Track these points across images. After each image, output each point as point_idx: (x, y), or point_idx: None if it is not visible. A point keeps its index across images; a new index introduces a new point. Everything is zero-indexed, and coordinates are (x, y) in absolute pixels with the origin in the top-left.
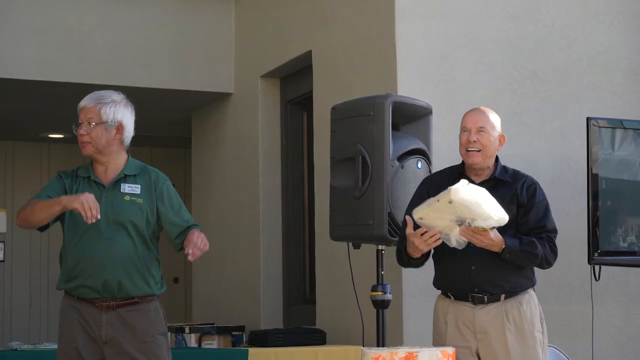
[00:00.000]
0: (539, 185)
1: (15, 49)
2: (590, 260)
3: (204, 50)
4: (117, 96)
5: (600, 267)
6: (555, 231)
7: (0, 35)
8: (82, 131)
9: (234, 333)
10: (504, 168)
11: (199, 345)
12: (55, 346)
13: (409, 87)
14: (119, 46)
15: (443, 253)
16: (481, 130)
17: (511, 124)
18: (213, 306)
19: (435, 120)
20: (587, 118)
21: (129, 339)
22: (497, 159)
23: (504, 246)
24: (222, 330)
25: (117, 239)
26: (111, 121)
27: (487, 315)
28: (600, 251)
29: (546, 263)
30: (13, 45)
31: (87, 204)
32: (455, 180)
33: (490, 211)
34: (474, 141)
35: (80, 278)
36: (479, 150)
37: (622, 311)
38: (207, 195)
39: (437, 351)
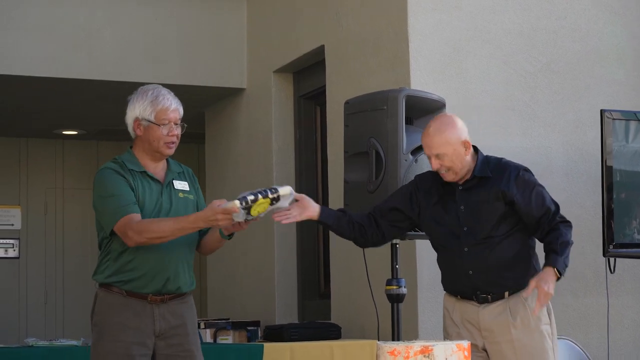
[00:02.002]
0: (524, 169)
1: (26, 47)
2: (605, 253)
3: (216, 45)
4: None
5: (615, 260)
6: (558, 207)
7: (10, 34)
8: (175, 132)
9: (249, 328)
10: (485, 161)
11: (215, 340)
12: (71, 342)
13: (422, 80)
14: (130, 42)
15: (442, 259)
16: (439, 157)
17: (525, 117)
18: (228, 301)
19: (448, 113)
20: (601, 110)
21: (181, 332)
22: (476, 150)
23: (557, 271)
24: (237, 326)
25: (179, 238)
26: (183, 124)
27: (491, 313)
28: (615, 243)
29: (571, 239)
30: (24, 43)
31: (226, 219)
32: (441, 183)
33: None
34: (438, 167)
35: (137, 273)
36: (449, 170)
37: (638, 303)
38: (221, 190)
39: (453, 344)
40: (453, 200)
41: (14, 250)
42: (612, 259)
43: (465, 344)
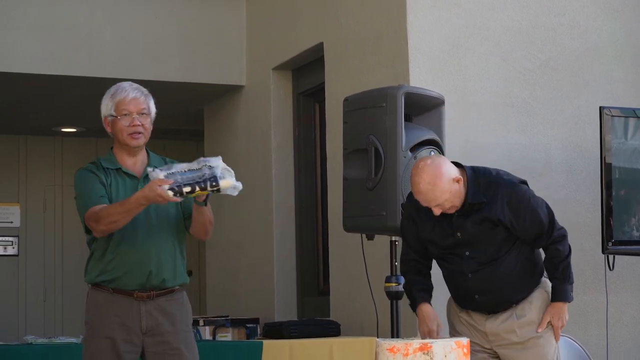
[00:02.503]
0: (516, 186)
1: (26, 45)
2: (604, 250)
3: (215, 43)
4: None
5: (614, 257)
6: (552, 219)
7: (10, 33)
8: (137, 122)
9: (248, 325)
10: (476, 182)
11: (214, 337)
12: (70, 340)
13: (421, 77)
14: (129, 40)
15: (446, 275)
16: (437, 206)
17: (524, 114)
18: (227, 299)
19: (448, 110)
20: (600, 107)
21: (169, 329)
22: (466, 171)
23: (566, 299)
24: (236, 323)
25: (157, 230)
26: (153, 113)
27: (497, 320)
28: (614, 240)
29: (569, 249)
30: (24, 41)
31: (160, 190)
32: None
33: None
34: (440, 212)
35: (120, 270)
36: (450, 207)
37: (637, 300)
38: None
39: (452, 342)
40: (450, 226)
41: (13, 247)
42: (611, 256)
43: (465, 341)
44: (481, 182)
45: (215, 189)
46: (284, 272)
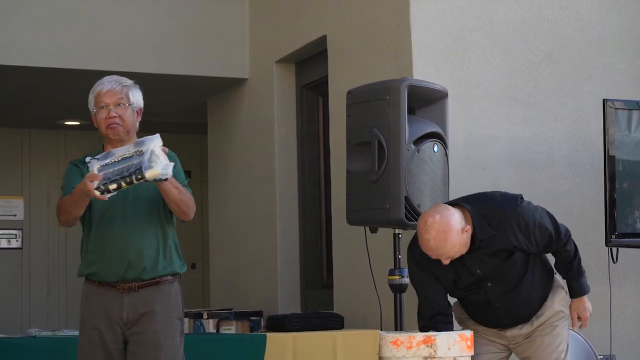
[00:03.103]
0: (518, 208)
1: (29, 37)
2: (607, 243)
3: (218, 36)
4: (130, 80)
5: (617, 249)
6: (557, 226)
7: (13, 24)
8: (113, 113)
9: (251, 318)
10: (480, 218)
11: (217, 330)
12: (74, 333)
13: (424, 70)
14: (132, 33)
15: (466, 305)
16: (446, 257)
17: (527, 107)
18: (231, 292)
19: (451, 103)
20: (604, 100)
21: (148, 320)
22: (466, 209)
23: (585, 292)
24: (240, 316)
25: (138, 220)
26: (135, 104)
27: (517, 328)
28: (618, 233)
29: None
30: (27, 33)
31: (89, 186)
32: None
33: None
34: (449, 261)
35: (101, 262)
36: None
37: None
38: (223, 180)
39: (455, 334)
40: (465, 268)
41: (17, 240)
42: (614, 249)
43: (468, 333)
44: (484, 213)
45: (141, 180)
46: (287, 265)
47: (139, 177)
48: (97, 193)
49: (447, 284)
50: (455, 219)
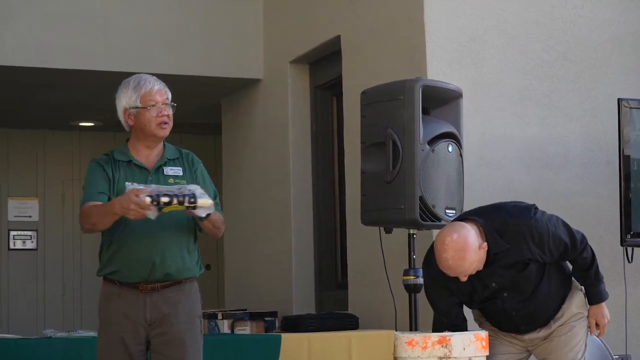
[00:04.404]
0: (531, 220)
1: (43, 38)
2: (622, 242)
3: (232, 36)
4: None
5: (633, 249)
6: (572, 235)
7: (27, 26)
8: (165, 112)
9: (266, 319)
10: (494, 232)
11: (232, 331)
12: (89, 333)
13: (439, 70)
14: (146, 33)
15: (490, 318)
16: (464, 275)
17: (542, 106)
18: (245, 292)
19: (465, 103)
20: (618, 99)
21: (172, 321)
22: (479, 224)
23: (603, 299)
24: (254, 316)
25: (165, 222)
26: (172, 104)
27: (536, 332)
28: (633, 233)
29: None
30: (41, 34)
31: (138, 212)
32: None
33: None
34: (467, 278)
35: (123, 262)
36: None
37: None
38: (237, 181)
39: (470, 335)
40: (481, 281)
41: (32, 242)
42: (629, 248)
43: (483, 334)
44: (497, 227)
45: (192, 205)
46: (302, 265)
47: (192, 200)
48: (148, 200)
49: (464, 298)
50: (472, 236)
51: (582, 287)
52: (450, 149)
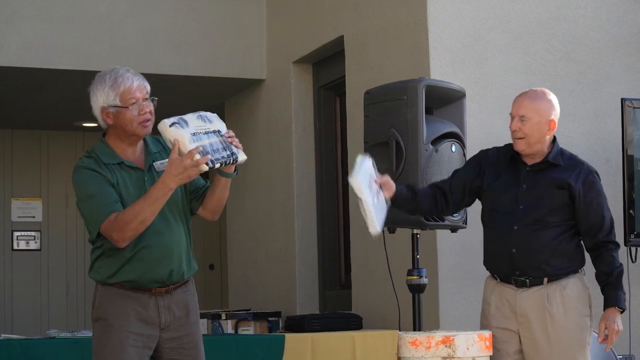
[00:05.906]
0: (596, 174)
1: (47, 38)
2: (626, 242)
3: (236, 37)
4: None
5: (636, 249)
6: (612, 224)
7: (31, 27)
8: (147, 109)
9: (270, 319)
10: (561, 151)
11: (236, 331)
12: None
13: (442, 70)
14: (150, 34)
15: (488, 236)
16: (523, 119)
17: None
18: (249, 292)
19: (469, 103)
20: (622, 99)
21: (186, 322)
22: (554, 139)
23: (620, 304)
24: (258, 316)
25: (171, 223)
26: (153, 98)
27: (528, 299)
28: (637, 233)
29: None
30: (45, 35)
31: (195, 169)
32: (508, 160)
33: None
34: (516, 130)
35: (141, 269)
36: (523, 138)
37: None
38: (241, 181)
39: (474, 334)
40: (516, 178)
41: (36, 242)
42: (633, 248)
43: (487, 333)
44: (565, 152)
45: (235, 163)
46: (305, 265)
47: (235, 158)
48: (206, 168)
49: (488, 186)
50: (557, 108)
51: (591, 299)
52: (453, 148)
